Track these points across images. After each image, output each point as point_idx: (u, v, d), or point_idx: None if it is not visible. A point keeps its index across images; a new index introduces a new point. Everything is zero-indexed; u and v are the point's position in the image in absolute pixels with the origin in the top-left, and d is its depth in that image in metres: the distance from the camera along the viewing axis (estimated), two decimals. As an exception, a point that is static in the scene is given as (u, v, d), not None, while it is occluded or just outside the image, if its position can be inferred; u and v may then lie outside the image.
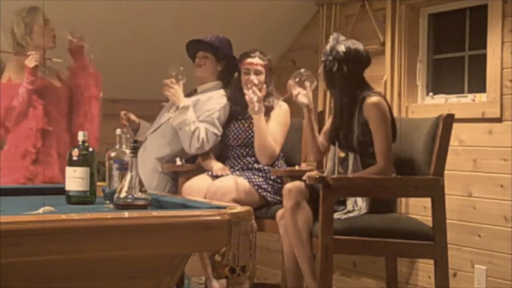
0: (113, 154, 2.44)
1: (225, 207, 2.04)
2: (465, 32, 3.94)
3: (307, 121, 3.45)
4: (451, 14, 4.01)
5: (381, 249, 3.15)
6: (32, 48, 3.60)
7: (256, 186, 3.62)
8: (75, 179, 2.46)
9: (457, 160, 3.74)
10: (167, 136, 3.87)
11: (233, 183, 3.58)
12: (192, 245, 1.97)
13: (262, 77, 3.77)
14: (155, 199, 2.36)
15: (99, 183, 2.58)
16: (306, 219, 3.18)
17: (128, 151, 2.33)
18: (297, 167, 3.72)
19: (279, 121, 3.79)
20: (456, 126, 3.28)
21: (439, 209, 3.14)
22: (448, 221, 3.17)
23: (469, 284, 3.71)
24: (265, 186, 3.65)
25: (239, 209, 2.01)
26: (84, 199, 2.46)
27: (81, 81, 3.78)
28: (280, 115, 3.80)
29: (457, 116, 3.28)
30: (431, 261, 3.29)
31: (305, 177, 3.21)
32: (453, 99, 3.91)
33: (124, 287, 1.95)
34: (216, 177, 3.66)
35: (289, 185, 3.25)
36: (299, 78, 3.42)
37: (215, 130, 3.80)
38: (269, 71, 3.83)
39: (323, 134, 3.52)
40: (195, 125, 3.75)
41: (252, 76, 3.75)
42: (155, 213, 2.05)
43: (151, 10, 4.16)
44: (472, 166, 3.72)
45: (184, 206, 2.24)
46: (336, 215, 3.11)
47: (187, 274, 3.97)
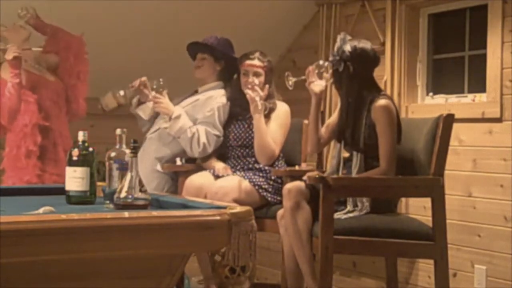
0: (113, 154, 2.44)
1: (225, 207, 2.03)
2: (465, 32, 3.94)
3: (313, 108, 3.42)
4: (451, 14, 4.01)
5: (381, 249, 3.15)
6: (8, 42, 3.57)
7: (256, 186, 3.62)
8: (75, 179, 2.46)
9: (457, 160, 3.74)
10: (167, 138, 3.87)
11: (234, 183, 3.58)
12: (192, 245, 1.97)
13: (261, 79, 3.75)
14: (155, 199, 2.36)
15: (99, 183, 2.58)
16: (306, 219, 3.17)
17: (128, 151, 2.34)
18: (297, 167, 3.72)
19: (279, 122, 3.78)
20: (456, 126, 3.28)
21: (439, 209, 3.14)
22: (448, 221, 3.17)
23: (469, 284, 3.71)
24: (266, 186, 3.65)
25: (239, 209, 2.01)
26: (84, 199, 2.46)
27: (61, 45, 3.74)
28: (280, 116, 3.80)
29: (457, 116, 3.28)
30: (431, 261, 3.29)
31: (305, 177, 3.21)
32: (453, 99, 3.90)
33: (124, 287, 1.95)
34: (218, 176, 3.66)
35: (289, 185, 3.25)
36: (318, 70, 3.41)
37: (216, 131, 3.80)
38: (270, 72, 3.81)
39: (326, 126, 3.50)
40: (192, 130, 3.75)
41: (250, 78, 3.74)
42: (155, 213, 2.05)
43: (151, 10, 4.16)
44: (472, 166, 3.72)
45: (184, 206, 2.24)
46: (336, 215, 3.10)
47: (187, 274, 3.97)
